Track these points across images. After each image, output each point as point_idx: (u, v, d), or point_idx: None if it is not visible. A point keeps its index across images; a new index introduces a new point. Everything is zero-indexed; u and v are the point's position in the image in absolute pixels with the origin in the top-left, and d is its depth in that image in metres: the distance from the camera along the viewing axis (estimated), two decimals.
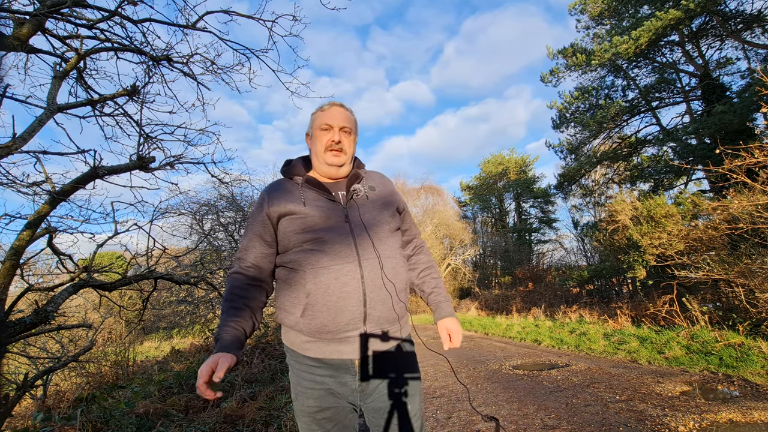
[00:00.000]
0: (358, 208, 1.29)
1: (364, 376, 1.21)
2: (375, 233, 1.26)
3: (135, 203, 3.37)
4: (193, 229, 7.35)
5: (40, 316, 2.46)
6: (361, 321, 1.18)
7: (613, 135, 14.19)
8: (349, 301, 1.16)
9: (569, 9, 13.98)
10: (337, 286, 1.15)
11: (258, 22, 3.24)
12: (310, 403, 1.19)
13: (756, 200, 4.98)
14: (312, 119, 1.39)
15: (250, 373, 4.72)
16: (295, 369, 1.24)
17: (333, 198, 1.28)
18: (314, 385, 1.19)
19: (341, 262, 1.17)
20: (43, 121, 2.57)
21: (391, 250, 1.28)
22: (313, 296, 1.15)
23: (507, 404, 3.64)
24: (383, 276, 1.21)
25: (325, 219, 1.23)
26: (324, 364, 1.19)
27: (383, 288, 1.21)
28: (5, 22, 2.38)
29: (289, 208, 1.24)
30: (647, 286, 9.60)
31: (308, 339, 1.19)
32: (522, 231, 24.19)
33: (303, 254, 1.19)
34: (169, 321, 10.10)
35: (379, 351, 1.22)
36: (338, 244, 1.19)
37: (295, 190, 1.29)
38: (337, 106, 1.37)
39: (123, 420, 2.86)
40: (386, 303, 1.21)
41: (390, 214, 1.34)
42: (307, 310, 1.16)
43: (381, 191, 1.38)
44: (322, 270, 1.16)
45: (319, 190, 1.29)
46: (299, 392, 1.22)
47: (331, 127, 1.32)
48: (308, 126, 1.41)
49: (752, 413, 2.93)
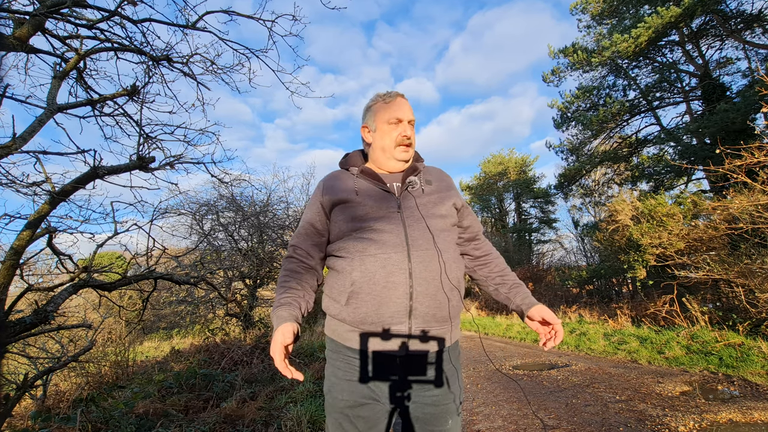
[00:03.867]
0: (413, 199, 1.25)
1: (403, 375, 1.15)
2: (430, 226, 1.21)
3: (135, 203, 3.37)
4: (193, 229, 7.36)
5: (40, 316, 2.46)
6: (406, 315, 1.12)
7: (613, 135, 14.18)
8: (395, 292, 1.11)
9: (571, 9, 13.99)
10: (383, 275, 1.11)
11: (258, 22, 3.24)
12: (344, 396, 1.13)
13: (756, 200, 4.97)
14: (373, 110, 1.33)
15: (250, 373, 4.71)
16: (333, 360, 1.20)
17: (387, 188, 1.25)
18: (351, 377, 1.14)
19: (389, 252, 1.13)
20: (43, 121, 2.57)
21: (444, 244, 1.22)
22: (358, 284, 1.12)
23: (507, 404, 3.64)
24: (436, 271, 1.16)
25: (376, 209, 1.20)
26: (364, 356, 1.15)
27: (433, 283, 1.15)
28: (5, 22, 2.38)
29: (342, 197, 1.23)
30: (647, 286, 9.59)
31: (351, 329, 1.16)
32: (522, 231, 24.17)
33: (352, 242, 1.17)
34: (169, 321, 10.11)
35: (422, 351, 1.15)
36: (387, 234, 1.16)
37: (350, 180, 1.28)
38: (401, 98, 1.32)
39: (123, 420, 2.86)
40: (436, 299, 1.15)
41: (446, 208, 1.28)
42: (352, 299, 1.13)
43: (438, 185, 1.33)
44: (369, 258, 1.13)
45: (373, 180, 1.27)
46: (333, 384, 1.16)
47: (400, 120, 1.28)
48: (367, 117, 1.35)
49: (752, 413, 2.93)
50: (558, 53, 13.61)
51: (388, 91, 1.35)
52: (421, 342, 1.15)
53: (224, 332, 7.00)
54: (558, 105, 14.24)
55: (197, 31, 3.20)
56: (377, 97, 1.34)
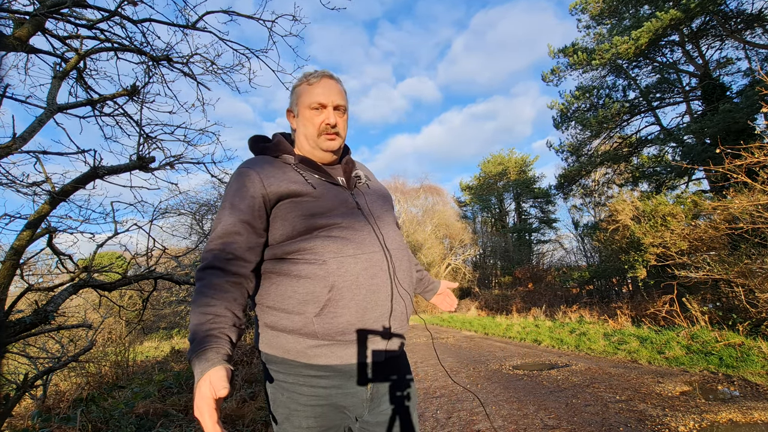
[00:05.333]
0: (363, 195, 1.16)
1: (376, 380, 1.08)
2: (387, 224, 1.14)
3: (135, 203, 3.38)
4: (193, 229, 7.37)
5: (40, 316, 2.46)
6: (387, 318, 1.04)
7: (613, 135, 14.19)
8: (379, 295, 1.03)
9: (570, 9, 14.01)
10: (366, 277, 1.01)
11: (258, 22, 3.24)
12: (309, 423, 1.00)
13: (756, 200, 4.97)
14: (296, 93, 1.17)
15: (250, 373, 4.72)
16: (287, 384, 1.02)
17: (337, 182, 1.15)
18: (317, 401, 1.01)
19: (368, 251, 1.03)
20: (43, 121, 2.57)
21: (403, 242, 1.17)
22: (338, 290, 0.98)
23: (507, 404, 3.64)
24: (406, 269, 1.12)
25: (338, 204, 1.08)
26: (334, 372, 1.01)
27: (405, 282, 1.10)
28: (5, 22, 2.38)
29: (294, 189, 1.05)
30: (647, 286, 9.60)
31: (319, 343, 0.99)
32: (522, 231, 24.18)
33: (320, 242, 1.01)
34: (169, 321, 10.11)
35: (395, 352, 1.09)
36: (359, 232, 1.05)
37: (289, 170, 1.10)
38: (328, 78, 1.16)
39: (123, 420, 2.86)
40: (408, 298, 1.11)
41: (390, 206, 1.25)
42: (329, 307, 0.98)
43: (375, 183, 1.29)
44: (349, 260, 1.00)
45: (318, 172, 1.13)
46: (293, 412, 1.01)
47: (324, 106, 1.13)
48: (291, 101, 1.20)
49: (752, 413, 2.93)
50: (558, 53, 13.62)
51: (316, 69, 1.19)
52: (397, 343, 1.10)
53: None
54: (558, 105, 14.25)
55: (197, 31, 3.20)
56: (302, 77, 1.18)
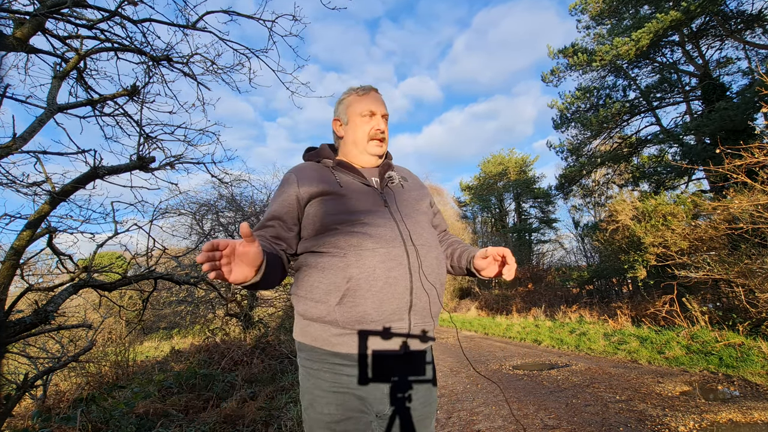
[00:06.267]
0: (394, 195, 1.22)
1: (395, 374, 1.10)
2: (417, 221, 1.19)
3: (135, 203, 3.38)
4: (193, 229, 7.36)
5: (40, 316, 2.46)
6: (407, 311, 1.08)
7: (613, 135, 14.18)
8: (397, 288, 1.06)
9: (570, 9, 13.98)
10: (383, 270, 1.05)
11: (258, 22, 3.24)
12: (330, 410, 1.03)
13: (756, 200, 4.97)
14: (345, 103, 1.29)
15: (250, 373, 4.72)
16: (313, 371, 1.08)
17: (368, 183, 1.21)
18: (338, 388, 1.05)
19: (387, 246, 1.08)
20: (43, 121, 2.57)
21: (433, 240, 1.22)
22: (356, 281, 1.03)
23: (507, 404, 3.64)
24: (431, 266, 1.14)
25: (363, 202, 1.15)
26: (354, 361, 1.06)
27: (430, 278, 1.13)
28: (5, 22, 2.39)
29: (323, 189, 1.14)
30: (647, 286, 9.60)
31: (341, 332, 1.06)
32: (522, 231, 24.17)
33: (342, 237, 1.08)
34: (169, 321, 10.10)
35: (420, 349, 1.12)
36: (381, 228, 1.10)
37: (326, 172, 1.21)
38: (375, 92, 1.30)
39: (123, 420, 2.86)
40: (431, 295, 1.13)
41: (425, 206, 1.30)
42: (347, 297, 1.04)
43: (413, 183, 1.34)
44: (367, 253, 1.06)
45: (353, 173, 1.21)
46: (316, 398, 1.05)
47: (374, 114, 1.26)
48: (339, 110, 1.31)
49: (752, 413, 2.93)
50: (557, 54, 13.60)
51: (361, 84, 1.32)
52: (420, 340, 1.12)
53: (224, 332, 7.00)
54: (558, 105, 14.24)
55: (197, 31, 3.21)
56: (351, 90, 1.30)
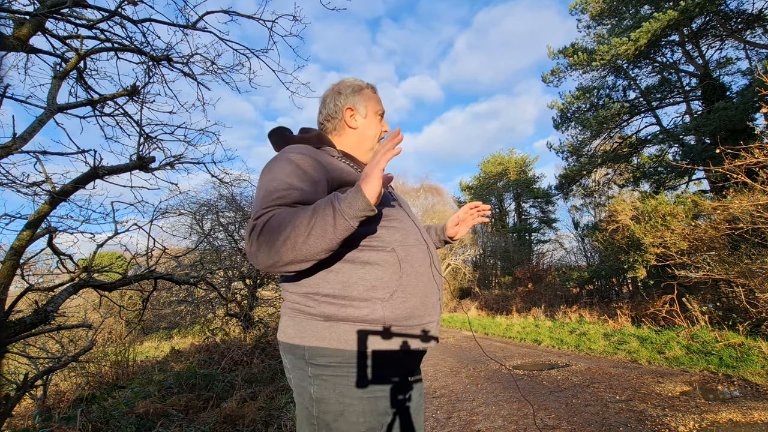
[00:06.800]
0: (394, 193, 1.21)
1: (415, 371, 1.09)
2: (418, 220, 1.19)
3: (135, 203, 3.38)
4: (193, 229, 7.36)
5: (40, 316, 2.45)
6: (438, 306, 1.08)
7: (613, 135, 14.18)
8: (433, 284, 1.07)
9: (570, 9, 14.00)
10: (425, 267, 1.05)
11: (258, 22, 3.24)
12: (366, 418, 0.94)
13: (756, 200, 4.98)
14: (364, 95, 1.21)
15: (250, 373, 4.71)
16: (342, 378, 0.95)
17: None
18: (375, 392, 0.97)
19: (419, 242, 1.07)
20: (43, 121, 2.57)
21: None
22: (407, 277, 1.00)
23: (507, 404, 3.64)
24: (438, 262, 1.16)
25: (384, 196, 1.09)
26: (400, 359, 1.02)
27: (440, 274, 1.14)
28: (5, 22, 2.38)
29: (352, 178, 1.05)
30: (647, 286, 9.60)
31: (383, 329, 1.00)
32: (522, 231, 24.17)
33: (385, 231, 1.02)
34: (169, 321, 10.10)
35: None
36: (408, 223, 1.09)
37: (336, 161, 1.10)
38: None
39: (123, 420, 2.86)
40: (443, 291, 1.15)
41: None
42: (398, 293, 0.98)
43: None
44: (413, 249, 1.04)
45: (361, 168, 1.16)
46: (347, 407, 0.92)
47: (383, 115, 1.25)
48: (356, 99, 1.20)
49: (752, 413, 2.93)
50: (557, 54, 13.61)
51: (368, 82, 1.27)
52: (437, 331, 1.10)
53: (224, 332, 7.00)
54: (558, 105, 14.24)
55: (197, 31, 3.21)
56: (364, 84, 1.24)
